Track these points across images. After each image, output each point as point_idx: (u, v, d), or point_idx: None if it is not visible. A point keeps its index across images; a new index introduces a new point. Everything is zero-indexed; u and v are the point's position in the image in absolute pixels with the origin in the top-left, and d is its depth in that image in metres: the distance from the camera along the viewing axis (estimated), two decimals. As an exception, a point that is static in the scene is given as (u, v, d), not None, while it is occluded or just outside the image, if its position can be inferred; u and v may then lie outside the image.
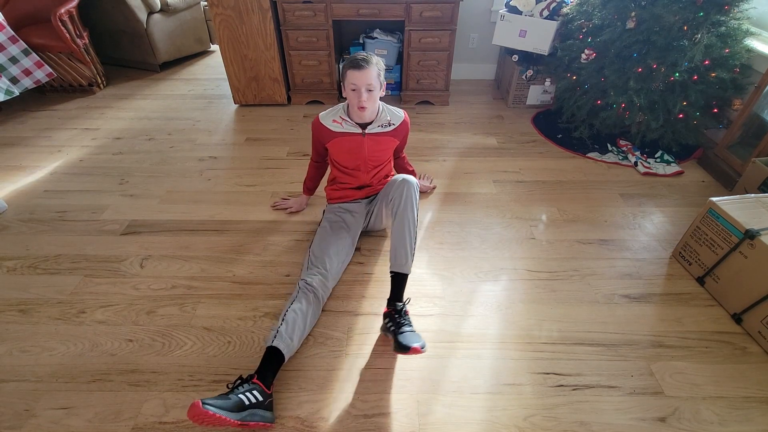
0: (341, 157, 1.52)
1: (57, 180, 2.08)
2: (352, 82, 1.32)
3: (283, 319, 1.21)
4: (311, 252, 1.45)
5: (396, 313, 1.25)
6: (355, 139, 1.46)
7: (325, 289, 1.34)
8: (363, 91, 1.32)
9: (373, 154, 1.50)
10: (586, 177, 2.11)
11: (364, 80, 1.31)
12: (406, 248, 1.30)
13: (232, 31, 2.48)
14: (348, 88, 1.35)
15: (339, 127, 1.46)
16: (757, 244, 1.27)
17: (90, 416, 1.11)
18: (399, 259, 1.30)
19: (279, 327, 1.18)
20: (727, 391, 1.18)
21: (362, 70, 1.29)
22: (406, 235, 1.31)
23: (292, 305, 1.25)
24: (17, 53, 2.51)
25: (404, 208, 1.33)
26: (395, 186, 1.37)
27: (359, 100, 1.33)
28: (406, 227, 1.32)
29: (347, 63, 1.33)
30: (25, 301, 1.44)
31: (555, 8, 2.40)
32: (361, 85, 1.31)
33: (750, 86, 1.96)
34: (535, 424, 1.10)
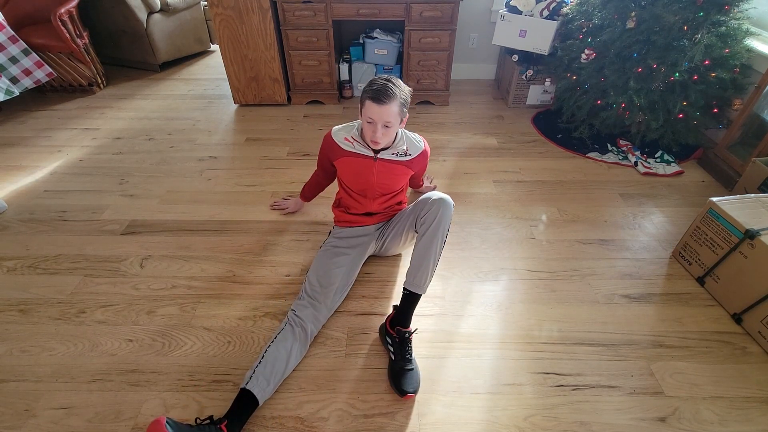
0: (348, 178, 1.40)
1: (57, 180, 2.08)
2: (369, 116, 1.18)
3: (262, 357, 1.13)
4: (308, 279, 1.35)
5: (400, 340, 1.20)
6: (365, 162, 1.33)
7: (316, 323, 1.26)
8: (379, 126, 1.19)
9: (383, 180, 1.37)
10: (586, 177, 2.11)
11: (383, 117, 1.17)
12: (428, 269, 1.23)
13: (232, 31, 2.48)
14: (364, 119, 1.22)
15: (350, 146, 1.33)
16: (757, 244, 1.27)
17: (90, 416, 1.11)
18: (418, 278, 1.22)
19: (256, 367, 1.10)
20: (727, 391, 1.18)
21: (382, 105, 1.15)
22: (431, 255, 1.22)
23: (276, 340, 1.18)
24: (17, 53, 2.51)
25: (435, 229, 1.22)
26: (430, 204, 1.25)
27: (373, 134, 1.21)
28: (433, 248, 1.22)
29: (368, 92, 1.17)
30: (25, 301, 1.44)
31: (555, 8, 2.40)
32: (378, 121, 1.18)
33: (750, 86, 1.96)
34: (535, 424, 1.10)
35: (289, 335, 1.20)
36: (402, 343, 1.20)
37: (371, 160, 1.33)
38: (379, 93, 1.15)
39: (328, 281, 1.33)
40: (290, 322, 1.24)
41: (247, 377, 1.09)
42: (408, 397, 1.14)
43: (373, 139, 1.22)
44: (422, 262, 1.23)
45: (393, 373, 1.18)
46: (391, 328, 1.24)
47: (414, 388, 1.15)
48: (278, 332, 1.21)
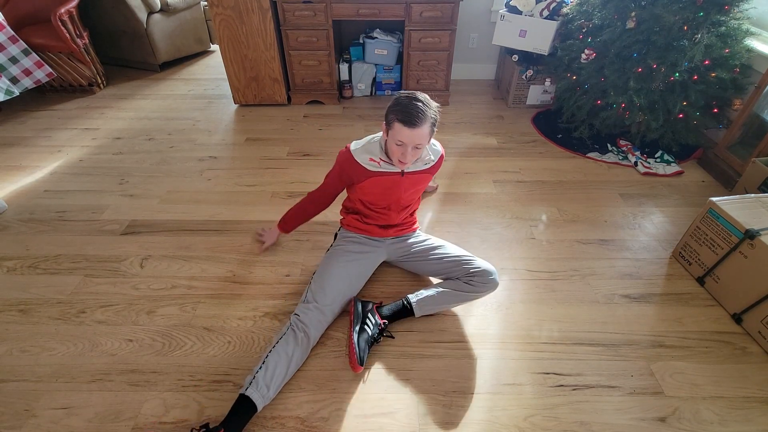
0: (372, 197, 1.33)
1: (57, 180, 2.08)
2: (399, 139, 1.11)
3: (263, 362, 1.11)
4: (313, 282, 1.32)
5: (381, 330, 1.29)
6: (392, 179, 1.28)
7: (318, 329, 1.24)
8: (409, 149, 1.12)
9: (409, 194, 1.35)
10: (586, 177, 2.11)
11: (415, 140, 1.10)
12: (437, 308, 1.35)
13: (232, 31, 2.48)
14: (392, 140, 1.14)
15: (376, 166, 1.25)
16: (757, 244, 1.27)
17: (90, 416, 1.11)
18: (425, 309, 1.34)
19: (257, 372, 1.09)
20: (727, 391, 1.18)
21: (414, 128, 1.08)
22: (446, 305, 1.36)
23: (277, 345, 1.15)
24: (17, 53, 2.51)
25: (471, 297, 1.33)
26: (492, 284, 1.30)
27: (403, 155, 1.14)
28: (453, 303, 1.36)
29: (397, 113, 1.09)
30: (25, 301, 1.44)
31: (555, 8, 2.40)
32: (409, 144, 1.11)
33: (750, 86, 1.96)
34: (535, 424, 1.10)
35: (291, 340, 1.17)
36: (382, 332, 1.29)
37: (398, 176, 1.27)
38: (411, 116, 1.07)
39: (336, 287, 1.30)
40: (293, 327, 1.21)
41: (247, 382, 1.08)
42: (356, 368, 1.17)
43: (402, 161, 1.16)
44: (439, 305, 1.35)
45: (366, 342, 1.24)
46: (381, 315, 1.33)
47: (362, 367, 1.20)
48: (280, 336, 1.19)
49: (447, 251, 1.41)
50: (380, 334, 1.28)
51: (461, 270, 1.34)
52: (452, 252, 1.40)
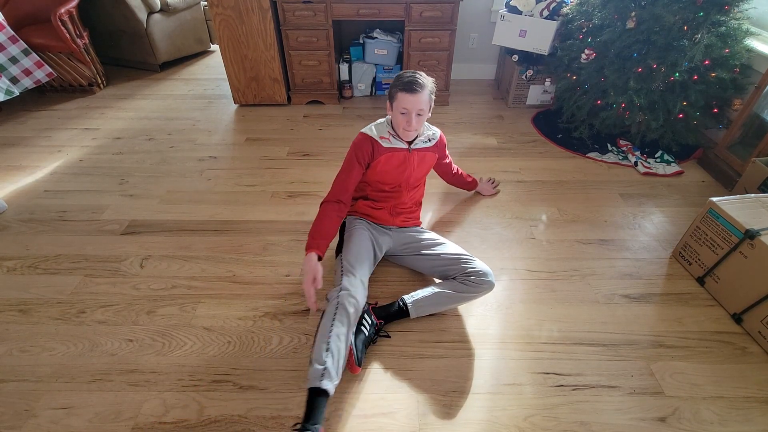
0: (387, 175, 1.40)
1: (57, 180, 2.08)
2: (403, 106, 1.26)
3: (327, 349, 1.07)
4: (344, 259, 1.30)
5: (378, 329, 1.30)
6: (402, 155, 1.38)
7: (363, 301, 1.22)
8: (414, 115, 1.27)
9: (417, 171, 1.44)
10: (586, 177, 2.11)
11: (417, 105, 1.25)
12: (433, 309, 1.35)
13: (232, 31, 2.48)
14: (397, 111, 1.28)
15: (388, 143, 1.36)
16: (757, 244, 1.27)
17: (90, 416, 1.11)
18: (421, 310, 1.34)
19: (326, 361, 1.05)
20: (727, 391, 1.18)
21: (415, 94, 1.24)
22: (443, 307, 1.35)
23: (334, 329, 1.10)
24: (17, 53, 2.51)
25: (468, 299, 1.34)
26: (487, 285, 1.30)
27: (408, 123, 1.28)
28: (449, 304, 1.35)
29: (399, 85, 1.26)
30: (25, 301, 1.44)
31: (555, 8, 2.40)
32: (412, 110, 1.26)
33: (750, 86, 1.96)
34: (535, 424, 1.10)
35: (345, 319, 1.13)
36: (378, 331, 1.30)
37: (407, 152, 1.39)
38: (411, 84, 1.23)
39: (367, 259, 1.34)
40: (342, 305, 1.15)
41: (318, 375, 1.03)
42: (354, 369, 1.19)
43: (408, 129, 1.29)
44: (434, 306, 1.34)
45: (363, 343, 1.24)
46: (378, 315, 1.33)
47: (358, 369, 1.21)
48: (332, 318, 1.13)
49: (446, 249, 1.42)
50: (376, 334, 1.29)
51: (458, 269, 1.34)
52: (451, 250, 1.41)
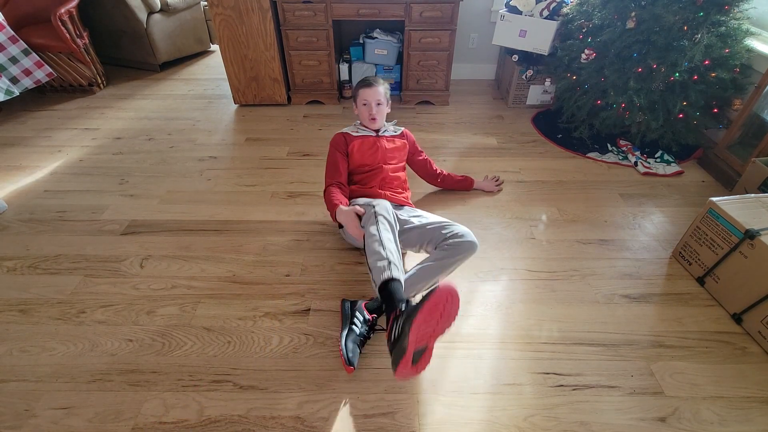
0: (362, 157, 1.60)
1: (57, 180, 2.08)
2: (364, 98, 1.58)
3: (384, 248, 1.15)
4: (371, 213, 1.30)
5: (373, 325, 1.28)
6: (371, 139, 1.63)
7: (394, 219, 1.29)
8: (373, 105, 1.57)
9: (390, 152, 1.64)
10: (586, 177, 2.11)
11: (375, 96, 1.56)
12: (421, 286, 1.29)
13: (232, 31, 2.48)
14: (360, 104, 1.60)
15: (356, 132, 1.64)
16: (757, 244, 1.27)
17: (90, 416, 1.11)
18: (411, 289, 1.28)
19: (387, 255, 1.12)
20: (727, 391, 1.18)
21: (372, 87, 1.56)
22: (430, 279, 1.29)
23: (382, 234, 1.19)
24: (17, 53, 2.51)
25: (453, 264, 1.30)
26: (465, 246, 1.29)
27: (370, 112, 1.57)
28: (441, 276, 1.30)
29: (358, 84, 1.59)
30: (25, 301, 1.44)
31: (555, 8, 2.40)
32: (371, 101, 1.57)
33: (750, 86, 1.96)
34: (535, 424, 1.10)
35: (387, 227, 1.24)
36: (372, 327, 1.28)
37: (375, 137, 1.64)
38: (368, 79, 1.58)
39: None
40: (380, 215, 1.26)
41: (382, 268, 1.11)
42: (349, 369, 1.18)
43: (371, 116, 1.58)
44: (422, 282, 1.28)
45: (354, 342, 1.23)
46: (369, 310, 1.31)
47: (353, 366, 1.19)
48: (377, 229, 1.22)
49: (429, 218, 1.44)
50: (371, 330, 1.28)
51: (440, 236, 1.34)
52: (432, 219, 1.43)
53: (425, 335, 0.97)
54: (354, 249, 1.66)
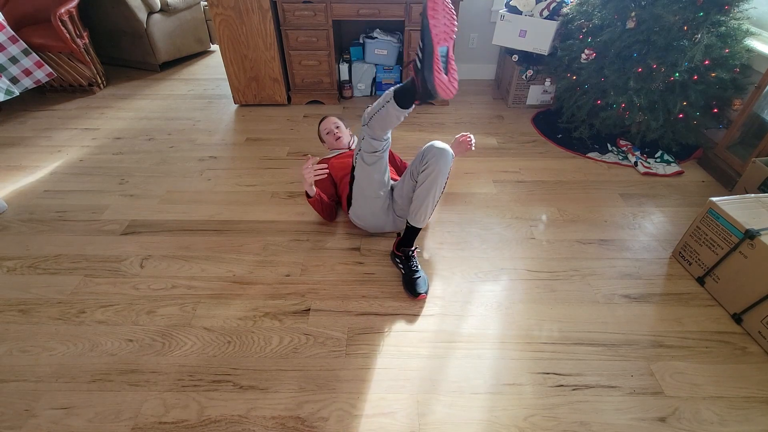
0: (341, 164, 1.77)
1: (57, 180, 2.08)
2: (325, 129, 1.94)
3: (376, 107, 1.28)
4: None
5: (405, 257, 1.49)
6: (345, 153, 1.87)
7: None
8: (333, 129, 1.91)
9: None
10: (586, 177, 2.11)
11: (332, 123, 1.94)
12: (427, 210, 1.43)
13: (232, 31, 2.48)
14: (324, 135, 1.95)
15: (329, 154, 1.90)
16: (757, 244, 1.27)
17: (90, 416, 1.11)
18: (419, 217, 1.44)
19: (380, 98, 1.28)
20: (727, 391, 1.18)
21: (327, 118, 1.96)
22: (430, 199, 1.41)
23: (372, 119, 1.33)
24: (17, 53, 2.51)
25: (437, 176, 1.37)
26: (433, 153, 1.37)
27: (334, 134, 1.90)
28: (432, 193, 1.40)
29: (319, 124, 1.98)
30: (25, 301, 1.44)
31: (555, 8, 2.40)
32: (331, 127, 1.92)
33: (750, 86, 1.96)
34: (535, 424, 1.10)
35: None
36: (408, 259, 1.49)
37: (348, 151, 1.89)
38: (323, 118, 1.98)
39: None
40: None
41: (385, 96, 1.25)
42: (421, 297, 1.42)
43: (336, 137, 1.89)
44: (422, 203, 1.42)
45: (406, 283, 1.47)
46: (397, 250, 1.53)
47: (424, 290, 1.44)
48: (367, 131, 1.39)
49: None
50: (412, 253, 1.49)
51: (416, 168, 1.45)
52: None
53: (442, 35, 1.09)
54: (354, 249, 1.66)
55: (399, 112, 1.23)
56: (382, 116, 1.27)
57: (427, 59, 1.07)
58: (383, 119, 1.28)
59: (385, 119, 1.27)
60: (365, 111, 1.36)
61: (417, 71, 1.10)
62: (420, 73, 1.10)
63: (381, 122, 1.29)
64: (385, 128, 1.32)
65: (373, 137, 1.37)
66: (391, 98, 1.22)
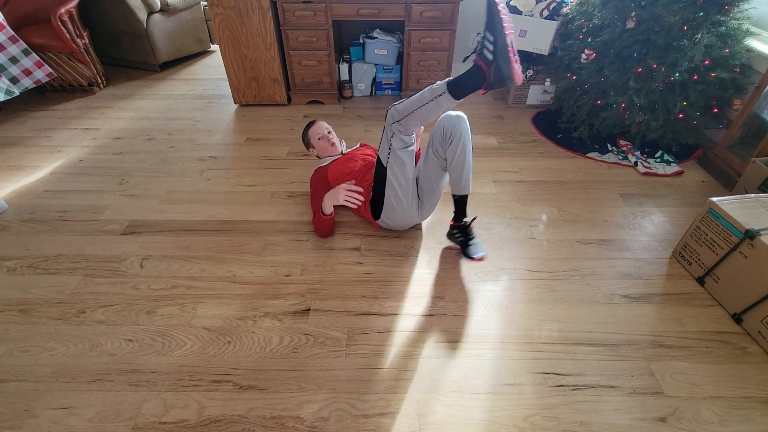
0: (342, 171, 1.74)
1: (57, 180, 2.08)
2: (317, 133, 1.87)
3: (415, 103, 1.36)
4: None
5: (463, 228, 1.57)
6: (339, 158, 1.81)
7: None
8: (326, 134, 1.87)
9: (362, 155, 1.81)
10: (586, 177, 2.11)
11: (323, 126, 1.89)
12: (469, 174, 1.50)
13: (232, 31, 2.48)
14: (315, 142, 1.88)
15: (326, 161, 1.83)
16: (757, 244, 1.27)
17: (90, 416, 1.11)
18: (463, 184, 1.50)
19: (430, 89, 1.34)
20: (727, 391, 1.18)
21: (316, 123, 1.90)
22: (468, 163, 1.47)
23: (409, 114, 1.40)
24: (17, 53, 2.51)
25: (465, 141, 1.44)
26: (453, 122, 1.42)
27: (328, 139, 1.86)
28: (467, 158, 1.47)
29: (304, 130, 1.92)
30: (25, 301, 1.44)
31: (555, 8, 2.40)
32: (323, 131, 1.87)
33: (750, 86, 1.96)
34: (535, 424, 1.10)
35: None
36: (465, 229, 1.57)
37: (340, 156, 1.84)
38: (310, 122, 1.94)
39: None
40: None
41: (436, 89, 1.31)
42: (479, 259, 1.50)
43: (331, 142, 1.86)
44: (463, 170, 1.48)
45: (465, 251, 1.55)
46: (454, 227, 1.61)
47: (482, 254, 1.51)
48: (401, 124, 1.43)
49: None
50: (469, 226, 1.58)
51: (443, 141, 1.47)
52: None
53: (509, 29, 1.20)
54: (354, 249, 1.66)
55: (452, 104, 1.31)
56: (430, 110, 1.34)
57: (502, 51, 1.18)
58: (429, 113, 1.35)
59: (432, 113, 1.35)
60: (394, 109, 1.42)
61: (489, 63, 1.20)
62: (493, 64, 1.19)
63: (424, 116, 1.36)
64: (424, 122, 1.40)
65: (405, 133, 1.44)
66: (444, 91, 1.28)
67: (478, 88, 1.27)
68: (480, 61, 1.22)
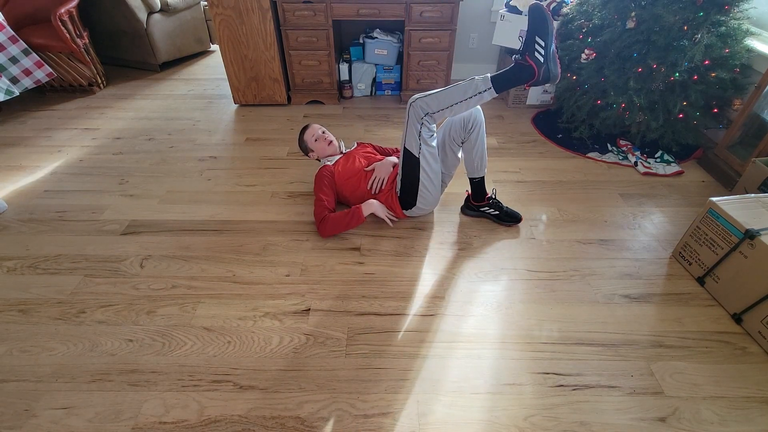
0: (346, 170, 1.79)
1: (57, 180, 2.08)
2: (312, 135, 1.89)
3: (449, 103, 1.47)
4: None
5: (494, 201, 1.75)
6: (342, 158, 1.86)
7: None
8: (321, 134, 1.89)
9: (362, 154, 1.87)
10: (586, 177, 2.11)
11: (317, 128, 1.91)
12: (485, 157, 1.66)
13: (232, 31, 2.48)
14: (311, 143, 1.89)
15: (332, 160, 1.86)
16: (757, 244, 1.27)
17: (90, 416, 1.11)
18: (482, 166, 1.67)
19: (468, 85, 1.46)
20: (727, 391, 1.18)
21: (310, 126, 1.92)
22: (485, 148, 1.64)
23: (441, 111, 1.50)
24: (17, 53, 2.51)
25: (480, 128, 1.59)
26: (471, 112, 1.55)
27: (325, 138, 1.88)
28: (484, 144, 1.63)
29: (299, 135, 1.93)
30: (25, 301, 1.44)
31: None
32: (318, 132, 1.89)
33: (750, 86, 1.96)
34: (535, 424, 1.10)
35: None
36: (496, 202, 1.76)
37: (342, 155, 1.88)
38: (304, 126, 1.95)
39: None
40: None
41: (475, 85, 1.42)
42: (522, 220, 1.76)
43: (328, 141, 1.89)
44: (482, 156, 1.64)
45: (503, 218, 1.76)
46: (478, 202, 1.77)
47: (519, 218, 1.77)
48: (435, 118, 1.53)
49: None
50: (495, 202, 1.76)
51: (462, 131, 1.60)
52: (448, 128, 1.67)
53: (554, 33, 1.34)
54: (354, 249, 1.66)
55: (492, 98, 1.45)
56: (470, 104, 1.45)
57: (552, 56, 1.34)
58: (468, 106, 1.46)
59: (470, 106, 1.46)
60: (423, 102, 1.48)
61: (540, 64, 1.34)
62: (544, 65, 1.34)
63: (462, 109, 1.47)
64: (459, 113, 1.51)
65: (433, 122, 1.53)
66: (489, 87, 1.40)
67: (522, 84, 1.41)
68: (530, 61, 1.36)
